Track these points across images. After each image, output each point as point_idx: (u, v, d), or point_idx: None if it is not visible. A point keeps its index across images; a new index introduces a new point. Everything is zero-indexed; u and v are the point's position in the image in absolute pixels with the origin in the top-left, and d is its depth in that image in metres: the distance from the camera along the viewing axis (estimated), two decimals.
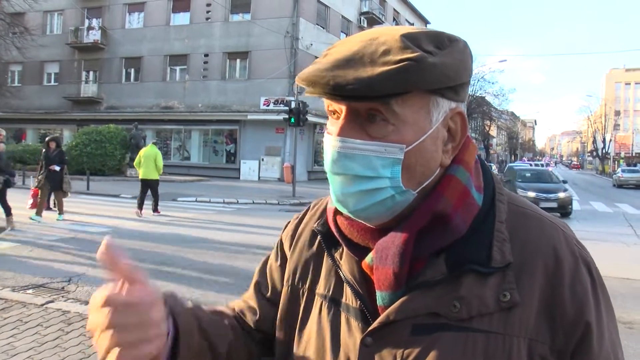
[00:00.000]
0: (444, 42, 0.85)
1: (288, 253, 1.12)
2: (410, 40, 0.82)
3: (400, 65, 0.79)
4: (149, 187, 14.27)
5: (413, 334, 0.85)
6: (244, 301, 1.18)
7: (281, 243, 1.16)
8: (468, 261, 0.85)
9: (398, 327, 0.86)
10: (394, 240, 0.87)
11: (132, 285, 0.78)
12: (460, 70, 0.85)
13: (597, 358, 0.84)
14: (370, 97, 0.80)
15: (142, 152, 14.67)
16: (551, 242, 0.87)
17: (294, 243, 1.11)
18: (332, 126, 0.88)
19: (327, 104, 0.88)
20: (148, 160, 14.23)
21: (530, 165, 43.10)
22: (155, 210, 14.51)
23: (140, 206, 14.08)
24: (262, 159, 30.81)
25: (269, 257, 1.19)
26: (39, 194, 12.72)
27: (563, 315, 0.83)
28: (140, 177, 14.48)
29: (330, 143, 0.86)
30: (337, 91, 0.81)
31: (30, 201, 12.74)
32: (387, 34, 0.85)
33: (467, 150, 0.93)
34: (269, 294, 1.13)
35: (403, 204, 0.88)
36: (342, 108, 0.86)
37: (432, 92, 0.84)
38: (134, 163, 15.08)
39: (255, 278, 1.19)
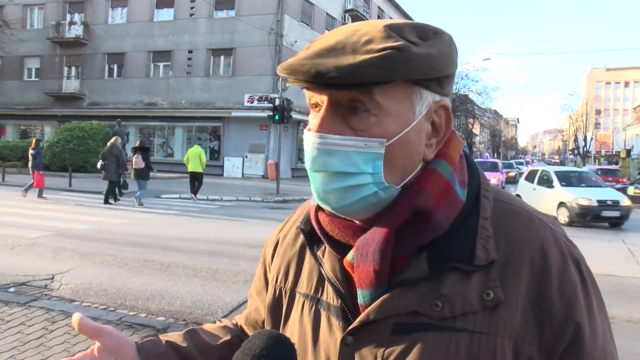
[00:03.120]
0: (428, 34, 0.84)
1: (269, 258, 1.10)
2: (393, 30, 0.82)
3: (384, 54, 0.77)
4: (195, 178, 17.92)
5: (394, 333, 0.84)
6: (243, 314, 1.19)
7: (265, 249, 1.15)
8: (451, 259, 0.83)
9: (379, 326, 0.85)
10: (374, 236, 0.85)
11: (106, 338, 0.95)
12: (445, 63, 0.84)
13: (592, 357, 0.83)
14: (352, 86, 0.79)
15: (189, 151, 18.32)
16: (538, 240, 0.85)
17: (278, 245, 1.09)
18: (314, 119, 0.86)
19: (309, 96, 0.86)
20: (194, 157, 17.88)
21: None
22: (194, 196, 17.85)
23: (192, 192, 17.84)
24: (246, 156, 30.76)
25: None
26: None
27: (551, 316, 0.81)
28: (188, 170, 18.06)
29: (310, 139, 0.84)
30: (318, 79, 0.79)
31: None
32: (371, 25, 0.84)
33: (451, 144, 0.91)
34: (260, 301, 1.13)
35: (387, 200, 0.85)
36: (323, 100, 0.84)
37: (416, 84, 0.83)
38: (183, 160, 18.75)
39: (251, 289, 1.19)
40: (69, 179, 20.62)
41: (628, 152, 60.34)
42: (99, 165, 16.11)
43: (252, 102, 30.34)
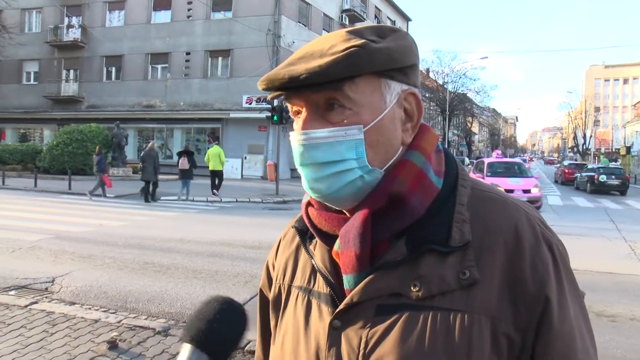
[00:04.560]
0: (385, 32, 0.93)
1: (272, 259, 1.16)
2: (354, 34, 0.90)
3: (347, 52, 0.85)
4: (216, 175, 19.66)
5: (377, 314, 0.88)
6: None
7: (270, 252, 1.19)
8: (428, 241, 0.88)
9: (363, 309, 0.89)
10: (354, 223, 0.91)
11: None
12: (404, 53, 0.92)
13: (558, 335, 0.85)
14: (324, 84, 0.86)
15: (210, 151, 20.10)
16: (512, 222, 0.89)
17: (279, 246, 1.15)
18: (297, 124, 0.94)
19: (291, 106, 0.94)
20: (215, 157, 19.71)
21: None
22: (216, 192, 19.36)
23: (213, 189, 19.47)
24: (245, 157, 30.73)
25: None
26: None
27: (524, 292, 0.85)
28: (209, 169, 19.81)
29: (295, 138, 0.92)
30: (292, 83, 0.87)
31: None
32: (335, 34, 0.92)
33: (424, 137, 0.97)
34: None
35: (372, 183, 0.91)
36: (302, 105, 0.92)
37: (381, 75, 0.90)
38: (204, 159, 20.43)
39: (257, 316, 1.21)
40: (68, 181, 20.58)
41: (628, 149, 60.35)
42: (139, 167, 18.12)
43: (250, 103, 30.31)
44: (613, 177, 28.79)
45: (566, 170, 37.48)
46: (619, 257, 10.16)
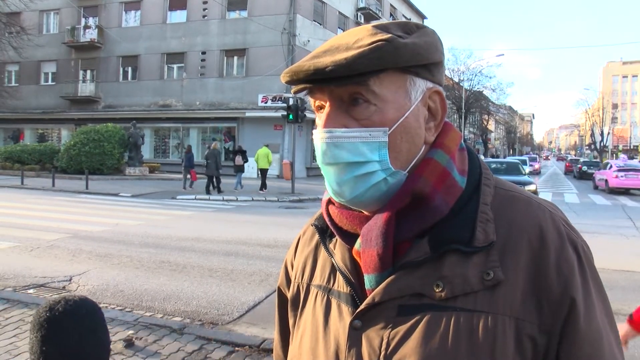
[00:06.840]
0: (412, 29, 0.92)
1: (291, 258, 1.15)
2: (380, 28, 0.89)
3: (374, 46, 0.84)
4: (263, 174, 21.88)
5: (399, 314, 0.87)
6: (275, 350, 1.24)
7: (288, 251, 1.18)
8: (451, 241, 0.86)
9: (384, 309, 0.88)
10: (376, 222, 0.90)
11: None
12: (430, 50, 0.91)
13: (585, 336, 0.83)
14: (349, 78, 0.85)
15: (259, 152, 22.30)
16: (537, 222, 0.88)
17: (299, 245, 1.14)
18: (320, 120, 0.92)
19: (313, 100, 0.93)
20: (263, 157, 22.01)
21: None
22: (261, 189, 21.14)
23: (261, 188, 21.26)
24: None
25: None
26: None
27: (549, 294, 0.83)
28: (258, 167, 22.46)
29: (318, 136, 0.90)
30: (317, 75, 0.86)
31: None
32: (360, 28, 0.92)
33: (448, 135, 0.96)
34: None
35: (396, 186, 0.90)
36: (326, 99, 0.90)
37: (407, 72, 0.89)
38: (254, 159, 22.86)
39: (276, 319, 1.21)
40: (85, 181, 20.77)
41: None
42: (204, 163, 20.73)
43: (266, 102, 30.39)
44: (592, 167, 39.42)
45: (567, 164, 54.66)
46: (638, 254, 10.04)
